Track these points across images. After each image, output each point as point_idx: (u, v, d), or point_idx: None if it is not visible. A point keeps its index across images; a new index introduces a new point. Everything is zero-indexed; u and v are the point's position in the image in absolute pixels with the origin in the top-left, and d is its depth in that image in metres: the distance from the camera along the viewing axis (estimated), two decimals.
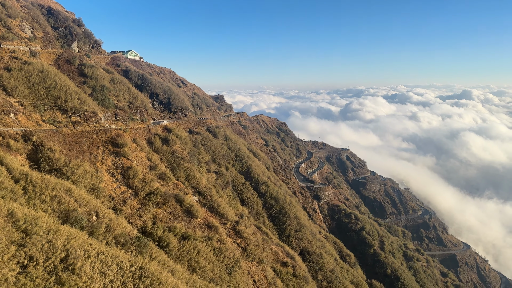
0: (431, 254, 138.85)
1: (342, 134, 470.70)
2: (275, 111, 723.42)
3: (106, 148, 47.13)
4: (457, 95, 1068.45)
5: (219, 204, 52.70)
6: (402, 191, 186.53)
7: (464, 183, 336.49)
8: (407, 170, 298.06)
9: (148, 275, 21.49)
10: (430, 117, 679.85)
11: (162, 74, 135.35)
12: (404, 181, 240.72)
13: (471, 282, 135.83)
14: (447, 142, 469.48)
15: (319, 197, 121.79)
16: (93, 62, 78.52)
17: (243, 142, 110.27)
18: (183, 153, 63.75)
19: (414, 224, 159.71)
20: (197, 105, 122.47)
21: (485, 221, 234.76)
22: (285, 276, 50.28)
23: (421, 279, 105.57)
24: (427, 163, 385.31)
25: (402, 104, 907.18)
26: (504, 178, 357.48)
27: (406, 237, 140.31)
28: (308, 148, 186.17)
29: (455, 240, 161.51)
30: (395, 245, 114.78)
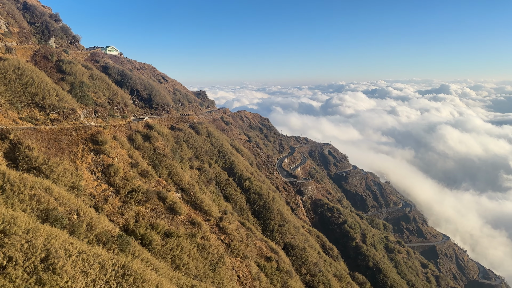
0: (412, 246, 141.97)
1: (323, 129, 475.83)
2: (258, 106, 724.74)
3: (86, 145, 46.32)
4: (436, 90, 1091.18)
5: (203, 201, 52.56)
6: (383, 184, 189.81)
7: (442, 175, 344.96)
8: (387, 164, 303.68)
9: (131, 273, 21.30)
10: (408, 111, 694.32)
11: (143, 70, 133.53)
12: (385, 174, 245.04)
13: (451, 273, 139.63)
14: (425, 135, 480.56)
15: (302, 191, 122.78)
16: (71, 58, 76.82)
17: (226, 138, 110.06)
18: (165, 149, 63.20)
19: (395, 216, 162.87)
20: (179, 101, 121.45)
21: (462, 212, 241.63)
22: (269, 270, 50.59)
23: (402, 270, 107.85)
24: (406, 156, 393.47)
25: (382, 99, 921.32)
26: (480, 170, 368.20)
27: (387, 230, 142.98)
28: (291, 144, 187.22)
29: (434, 231, 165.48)
30: (376, 237, 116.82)
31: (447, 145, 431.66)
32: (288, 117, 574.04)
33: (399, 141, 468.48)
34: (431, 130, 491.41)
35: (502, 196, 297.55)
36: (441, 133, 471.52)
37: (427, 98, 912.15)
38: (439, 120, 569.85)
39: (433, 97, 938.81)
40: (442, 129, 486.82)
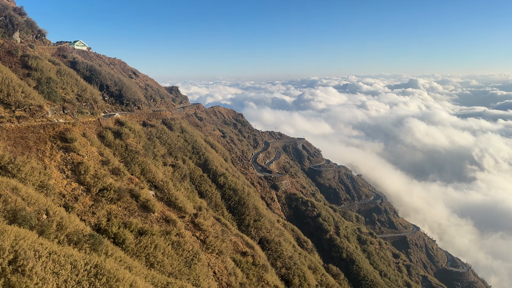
0: (383, 236, 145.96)
1: (296, 124, 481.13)
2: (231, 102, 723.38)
3: (54, 143, 44.88)
4: (404, 84, 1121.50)
5: (177, 198, 52.04)
6: (355, 177, 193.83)
7: (410, 167, 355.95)
8: (358, 156, 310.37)
9: (104, 273, 20.91)
10: (378, 105, 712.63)
11: (112, 65, 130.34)
12: (356, 168, 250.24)
13: (421, 262, 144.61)
14: (393, 128, 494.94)
15: (277, 186, 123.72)
16: (37, 53, 74.02)
17: (200, 134, 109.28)
18: (137, 146, 62.10)
19: (367, 208, 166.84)
20: (151, 97, 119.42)
21: (430, 202, 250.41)
22: (245, 265, 50.81)
23: (374, 261, 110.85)
24: (375, 149, 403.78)
25: (352, 93, 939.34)
26: (447, 162, 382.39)
27: (360, 222, 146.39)
28: (265, 139, 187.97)
29: (405, 222, 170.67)
30: (349, 229, 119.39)
31: (415, 138, 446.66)
32: (261, 112, 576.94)
33: (369, 135, 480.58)
34: (399, 124, 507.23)
35: (467, 186, 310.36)
36: (408, 126, 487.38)
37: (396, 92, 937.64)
38: (407, 113, 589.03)
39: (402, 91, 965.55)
40: (410, 122, 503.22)
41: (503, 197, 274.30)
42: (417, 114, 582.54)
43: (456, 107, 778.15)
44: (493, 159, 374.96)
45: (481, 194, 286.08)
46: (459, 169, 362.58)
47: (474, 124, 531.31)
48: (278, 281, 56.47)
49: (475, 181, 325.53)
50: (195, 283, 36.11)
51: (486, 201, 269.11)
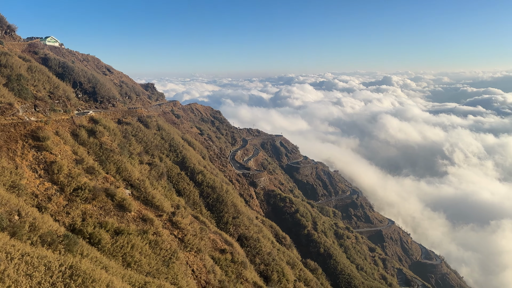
0: (360, 231, 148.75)
1: (273, 121, 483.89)
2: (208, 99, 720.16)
3: (26, 142, 43.50)
4: (379, 81, 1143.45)
5: (154, 196, 51.43)
6: (332, 173, 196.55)
7: (385, 162, 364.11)
8: (334, 152, 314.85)
9: (80, 274, 20.50)
10: (353, 102, 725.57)
11: (86, 61, 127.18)
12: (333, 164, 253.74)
13: (396, 255, 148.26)
14: (368, 125, 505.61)
15: (255, 183, 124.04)
16: (7, 49, 71.44)
17: (177, 132, 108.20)
18: (112, 145, 60.93)
19: (344, 204, 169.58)
20: (126, 94, 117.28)
21: (404, 196, 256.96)
22: (223, 263, 50.82)
23: (351, 255, 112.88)
24: (351, 145, 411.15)
25: (329, 90, 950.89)
26: (419, 157, 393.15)
27: (337, 217, 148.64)
28: (243, 136, 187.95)
29: (380, 217, 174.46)
30: (327, 224, 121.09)
31: (389, 134, 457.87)
32: (238, 109, 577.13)
33: (345, 131, 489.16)
34: (374, 120, 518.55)
35: (439, 180, 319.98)
36: (382, 122, 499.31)
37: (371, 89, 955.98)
38: (380, 110, 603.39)
39: (377, 88, 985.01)
40: (383, 118, 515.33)
41: (473, 190, 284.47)
42: (390, 111, 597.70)
43: (428, 103, 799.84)
44: (463, 154, 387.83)
45: (453, 188, 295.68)
46: (431, 163, 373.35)
47: (446, 120, 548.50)
48: (257, 277, 56.76)
49: (447, 176, 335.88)
50: (174, 282, 35.88)
51: (457, 194, 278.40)
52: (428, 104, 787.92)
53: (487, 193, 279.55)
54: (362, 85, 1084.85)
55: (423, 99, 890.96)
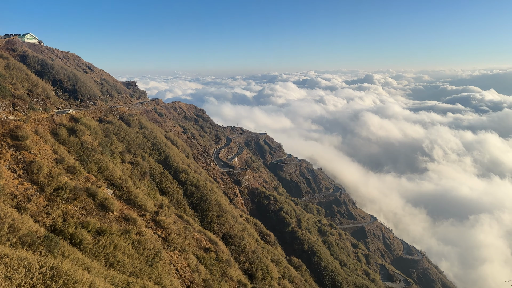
0: (343, 227, 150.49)
1: (257, 119, 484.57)
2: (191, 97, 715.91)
3: (4, 141, 42.38)
4: (361, 80, 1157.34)
5: (137, 196, 50.84)
6: (315, 171, 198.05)
7: (367, 159, 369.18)
8: (317, 150, 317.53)
9: (61, 275, 20.12)
10: (336, 100, 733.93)
11: (66, 59, 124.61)
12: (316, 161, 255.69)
13: (378, 251, 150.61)
14: (350, 122, 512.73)
15: (239, 181, 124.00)
16: None
17: (160, 130, 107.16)
18: (94, 143, 59.94)
19: (327, 201, 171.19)
20: (107, 92, 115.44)
21: (385, 192, 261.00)
22: (208, 261, 50.67)
23: (334, 251, 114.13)
24: (333, 143, 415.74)
25: (312, 89, 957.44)
26: (400, 153, 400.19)
27: (320, 214, 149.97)
28: (227, 134, 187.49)
29: (363, 213, 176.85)
30: (310, 222, 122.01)
31: (370, 131, 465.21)
32: (222, 107, 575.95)
33: (328, 129, 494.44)
34: (356, 118, 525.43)
35: (419, 176, 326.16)
36: (363, 120, 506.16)
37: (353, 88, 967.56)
38: (362, 108, 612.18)
39: (359, 86, 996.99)
40: (365, 116, 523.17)
41: (452, 186, 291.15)
42: (372, 108, 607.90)
43: (409, 101, 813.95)
44: (442, 150, 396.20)
45: (433, 184, 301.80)
46: (412, 160, 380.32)
47: (426, 117, 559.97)
48: (242, 275, 56.84)
49: (427, 172, 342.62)
50: (157, 281, 35.60)
51: (437, 190, 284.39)
52: (409, 102, 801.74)
53: (466, 188, 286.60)
54: (345, 83, 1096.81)
55: (404, 97, 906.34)
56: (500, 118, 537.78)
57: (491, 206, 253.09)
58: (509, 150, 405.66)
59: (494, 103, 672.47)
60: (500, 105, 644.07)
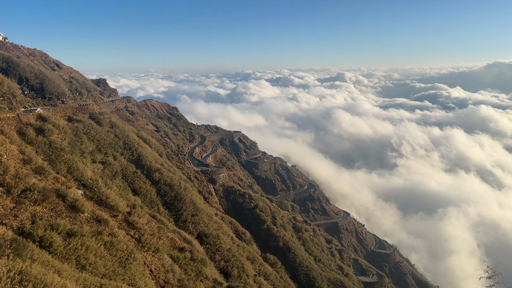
0: (317, 224, 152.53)
1: (231, 117, 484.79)
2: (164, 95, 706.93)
3: None
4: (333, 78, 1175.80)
5: (108, 196, 49.78)
6: (290, 168, 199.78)
7: (339, 155, 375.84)
8: (291, 147, 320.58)
9: (30, 279, 19.51)
10: (308, 98, 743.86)
11: (32, 56, 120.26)
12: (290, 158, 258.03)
13: (352, 246, 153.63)
14: (322, 120, 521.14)
15: (214, 180, 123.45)
16: None
17: (132, 129, 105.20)
18: (63, 143, 58.22)
19: (301, 198, 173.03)
20: (76, 90, 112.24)
21: (357, 188, 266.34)
22: (183, 261, 50.30)
23: (309, 247, 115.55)
24: (307, 140, 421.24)
25: (285, 87, 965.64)
26: (371, 150, 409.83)
27: (295, 211, 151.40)
28: (201, 132, 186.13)
29: (336, 209, 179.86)
30: (285, 219, 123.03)
31: (342, 128, 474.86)
32: (195, 105, 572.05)
33: (301, 126, 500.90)
34: (327, 115, 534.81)
35: (389, 172, 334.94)
36: (335, 117, 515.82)
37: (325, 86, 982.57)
38: (334, 105, 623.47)
39: (331, 84, 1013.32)
40: (336, 113, 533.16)
41: (421, 180, 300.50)
42: (343, 106, 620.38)
43: (379, 99, 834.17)
44: (410, 146, 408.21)
45: (402, 179, 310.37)
46: (382, 156, 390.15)
47: (395, 114, 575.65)
48: (217, 274, 56.73)
49: (396, 167, 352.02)
50: (131, 282, 35.08)
51: (407, 185, 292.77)
52: (379, 99, 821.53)
53: (434, 183, 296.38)
54: (317, 81, 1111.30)
55: (375, 94, 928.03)
56: (466, 114, 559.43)
57: (457, 199, 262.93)
58: (474, 145, 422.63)
59: (460, 100, 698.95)
60: (466, 102, 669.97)
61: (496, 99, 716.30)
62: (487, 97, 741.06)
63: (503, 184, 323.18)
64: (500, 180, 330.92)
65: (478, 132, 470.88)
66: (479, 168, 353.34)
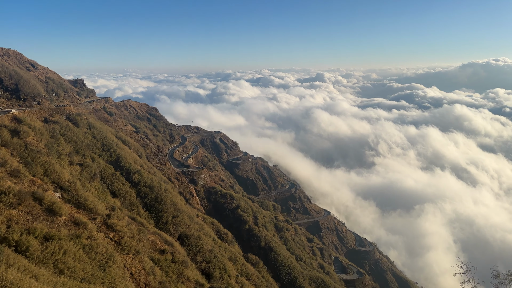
0: (298, 223, 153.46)
1: (211, 117, 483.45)
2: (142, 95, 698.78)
3: None
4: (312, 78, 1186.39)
5: (86, 199, 48.85)
6: (271, 168, 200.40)
7: (319, 154, 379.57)
8: (271, 147, 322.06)
9: (6, 284, 19.01)
10: (288, 98, 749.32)
11: (7, 56, 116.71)
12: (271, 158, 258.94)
13: (332, 244, 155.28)
14: (302, 119, 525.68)
15: (195, 181, 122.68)
16: None
17: (110, 130, 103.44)
18: (39, 145, 56.81)
19: (283, 197, 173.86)
20: (53, 90, 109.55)
21: (337, 186, 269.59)
22: (163, 263, 49.81)
23: (291, 246, 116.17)
24: (287, 139, 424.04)
25: (265, 87, 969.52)
26: (350, 148, 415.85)
27: (277, 210, 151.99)
28: (181, 133, 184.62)
29: (317, 208, 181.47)
30: (267, 218, 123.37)
31: (321, 128, 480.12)
32: (174, 106, 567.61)
33: (281, 126, 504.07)
34: (307, 115, 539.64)
35: (367, 170, 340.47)
36: (314, 116, 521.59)
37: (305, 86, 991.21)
38: (313, 105, 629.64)
39: (310, 85, 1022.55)
40: (315, 113, 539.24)
41: (398, 178, 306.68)
42: (322, 106, 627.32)
43: (358, 98, 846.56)
44: (387, 145, 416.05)
45: (380, 177, 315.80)
46: (360, 155, 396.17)
47: (373, 114, 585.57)
48: (199, 275, 56.42)
49: (375, 166, 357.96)
50: (111, 286, 34.58)
51: (385, 183, 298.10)
52: (358, 99, 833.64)
53: (411, 181, 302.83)
54: (297, 82, 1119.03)
55: (353, 94, 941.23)
56: (441, 113, 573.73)
57: (434, 196, 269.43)
58: (449, 143, 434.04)
59: (436, 100, 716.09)
60: (441, 101, 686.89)
61: (470, 98, 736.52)
62: (461, 96, 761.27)
63: (477, 181, 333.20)
64: (474, 177, 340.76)
65: (452, 130, 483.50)
66: (454, 165, 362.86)
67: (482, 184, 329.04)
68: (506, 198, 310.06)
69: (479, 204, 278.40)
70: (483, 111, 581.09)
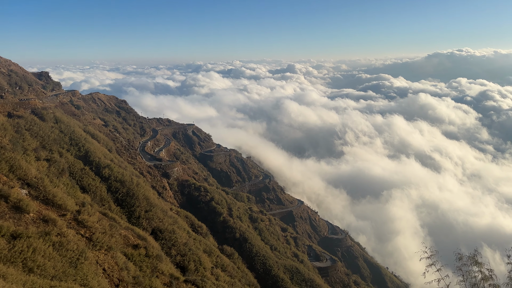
0: (273, 213, 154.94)
1: (181, 109, 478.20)
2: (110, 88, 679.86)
3: None
4: (284, 69, 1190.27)
5: (55, 195, 47.32)
6: (245, 159, 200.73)
7: (291, 144, 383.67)
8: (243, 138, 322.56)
9: None
10: (259, 89, 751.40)
11: None
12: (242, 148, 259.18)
13: (306, 233, 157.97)
14: (273, 110, 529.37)
15: (168, 174, 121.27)
16: None
17: (78, 124, 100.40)
18: (3, 141, 54.41)
19: (257, 188, 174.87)
20: (16, 84, 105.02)
21: (308, 175, 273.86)
22: (137, 258, 49.12)
23: (265, 237, 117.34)
24: (258, 130, 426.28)
25: (237, 78, 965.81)
26: (320, 138, 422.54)
27: (251, 201, 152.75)
28: (153, 126, 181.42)
29: (291, 198, 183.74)
30: (241, 210, 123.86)
31: (291, 118, 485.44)
32: (142, 98, 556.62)
33: (252, 117, 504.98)
34: (277, 106, 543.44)
35: (337, 159, 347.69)
36: (284, 107, 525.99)
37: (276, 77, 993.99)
38: (283, 96, 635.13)
39: (282, 76, 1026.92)
40: (285, 103, 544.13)
41: (366, 166, 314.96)
42: (292, 96, 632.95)
43: (328, 89, 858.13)
44: (354, 133, 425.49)
45: (349, 166, 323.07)
46: (330, 144, 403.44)
47: (342, 104, 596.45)
48: (174, 269, 56.04)
49: (344, 155, 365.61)
50: (83, 282, 33.86)
51: (354, 171, 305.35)
52: (328, 90, 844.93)
53: (378, 168, 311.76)
54: (269, 73, 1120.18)
55: (324, 85, 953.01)
56: (406, 103, 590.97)
57: (400, 183, 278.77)
58: (414, 131, 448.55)
59: (401, 90, 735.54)
60: (407, 91, 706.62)
61: (435, 87, 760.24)
62: (426, 86, 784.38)
63: (442, 167, 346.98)
64: (438, 164, 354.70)
65: (417, 119, 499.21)
66: (419, 153, 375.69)
67: (446, 170, 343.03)
68: (469, 183, 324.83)
69: (444, 189, 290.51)
70: (447, 100, 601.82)
